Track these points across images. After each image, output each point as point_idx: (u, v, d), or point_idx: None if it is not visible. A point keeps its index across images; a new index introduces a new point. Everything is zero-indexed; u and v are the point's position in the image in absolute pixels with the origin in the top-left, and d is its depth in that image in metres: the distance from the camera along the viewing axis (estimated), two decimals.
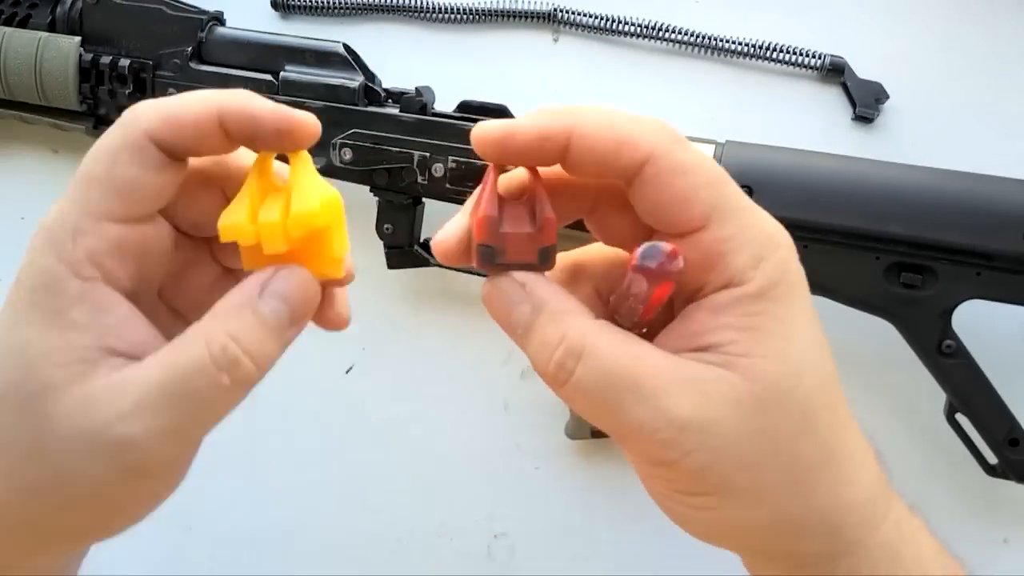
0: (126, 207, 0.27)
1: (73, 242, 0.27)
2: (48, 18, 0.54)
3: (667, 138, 0.27)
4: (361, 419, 0.56)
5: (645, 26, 0.54)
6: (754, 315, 0.26)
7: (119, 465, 0.26)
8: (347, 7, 0.57)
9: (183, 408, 0.26)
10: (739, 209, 0.27)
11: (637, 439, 0.27)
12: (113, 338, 0.27)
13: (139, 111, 0.28)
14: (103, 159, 0.27)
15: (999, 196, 0.44)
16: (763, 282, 0.26)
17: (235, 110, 0.27)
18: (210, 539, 0.57)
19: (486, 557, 0.55)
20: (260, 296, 0.27)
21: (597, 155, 0.27)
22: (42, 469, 0.27)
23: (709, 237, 0.27)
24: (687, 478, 0.27)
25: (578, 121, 0.27)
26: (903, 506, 0.30)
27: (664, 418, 0.26)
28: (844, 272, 0.45)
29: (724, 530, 0.29)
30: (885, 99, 0.52)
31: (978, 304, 0.45)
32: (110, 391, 0.26)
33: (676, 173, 0.26)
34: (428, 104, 0.51)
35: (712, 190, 0.27)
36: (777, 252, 0.27)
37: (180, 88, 0.53)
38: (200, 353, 0.26)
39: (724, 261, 0.27)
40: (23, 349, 0.27)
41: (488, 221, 0.27)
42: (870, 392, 0.52)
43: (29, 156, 0.61)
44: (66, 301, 0.26)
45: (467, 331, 0.56)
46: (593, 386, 0.26)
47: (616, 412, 0.26)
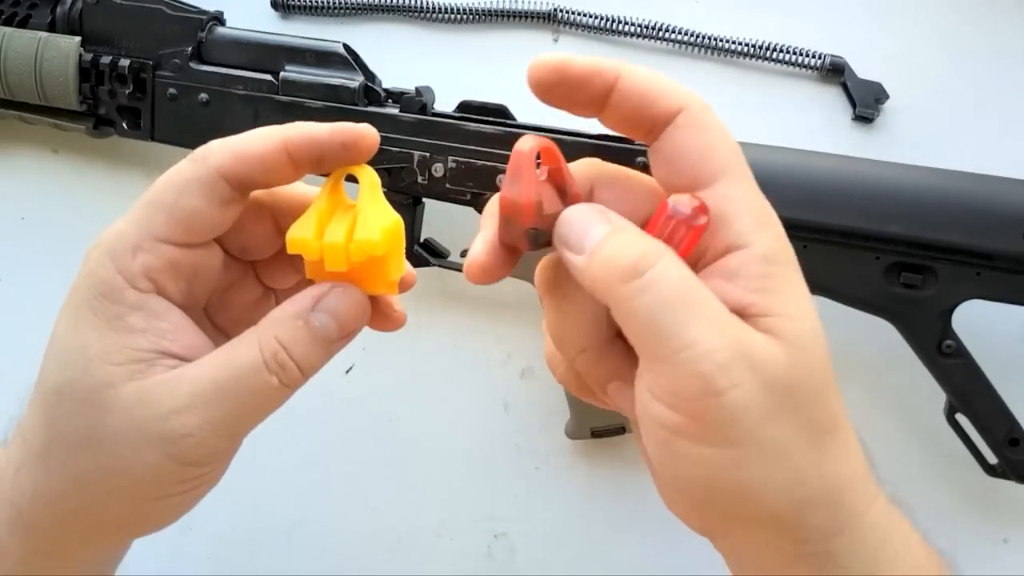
0: (187, 235, 0.30)
1: (132, 257, 0.29)
2: (48, 18, 0.54)
3: (700, 100, 0.29)
4: (361, 419, 0.56)
5: (645, 26, 0.54)
6: (765, 277, 0.27)
7: (171, 454, 0.28)
8: (347, 7, 0.57)
9: (234, 404, 0.29)
10: (747, 178, 0.29)
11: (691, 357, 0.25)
12: (168, 342, 0.29)
13: (211, 149, 0.30)
14: (172, 189, 0.30)
15: (999, 196, 0.44)
16: (767, 245, 0.27)
17: (299, 138, 0.30)
18: (210, 539, 0.57)
19: (486, 557, 0.55)
20: (313, 310, 0.30)
21: (638, 97, 0.28)
22: (96, 458, 0.29)
23: (718, 193, 0.28)
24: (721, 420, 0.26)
25: (627, 65, 0.29)
26: (884, 491, 0.31)
27: (727, 339, 0.26)
28: (844, 272, 0.45)
29: (741, 492, 0.27)
30: (885, 99, 0.52)
31: (978, 304, 0.45)
32: (166, 386, 0.28)
33: (703, 128, 0.28)
34: (428, 104, 0.51)
35: (729, 153, 0.28)
36: (776, 227, 0.28)
37: (180, 88, 0.53)
38: (254, 356, 0.29)
39: (729, 221, 0.27)
40: (83, 349, 0.29)
41: (536, 207, 0.28)
42: (870, 392, 0.52)
43: (29, 156, 0.61)
44: (124, 308, 0.29)
45: (467, 331, 0.56)
46: (671, 283, 0.26)
47: (681, 319, 0.26)
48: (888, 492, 0.31)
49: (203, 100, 0.52)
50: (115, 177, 0.60)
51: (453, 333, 0.56)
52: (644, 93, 0.28)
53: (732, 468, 0.26)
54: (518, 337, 0.55)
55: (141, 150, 0.58)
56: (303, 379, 0.30)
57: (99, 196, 0.60)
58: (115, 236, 0.30)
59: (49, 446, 0.30)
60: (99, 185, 0.60)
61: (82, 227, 0.61)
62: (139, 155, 0.59)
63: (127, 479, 0.29)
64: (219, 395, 0.28)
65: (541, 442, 0.55)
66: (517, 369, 0.55)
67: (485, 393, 0.55)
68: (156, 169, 0.32)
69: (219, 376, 0.29)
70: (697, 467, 0.27)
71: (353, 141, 0.30)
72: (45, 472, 0.30)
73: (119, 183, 0.59)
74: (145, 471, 0.29)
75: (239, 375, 0.29)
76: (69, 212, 0.60)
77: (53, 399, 0.29)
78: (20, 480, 0.30)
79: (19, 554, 0.31)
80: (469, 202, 0.50)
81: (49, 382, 0.30)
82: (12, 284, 0.61)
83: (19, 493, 0.31)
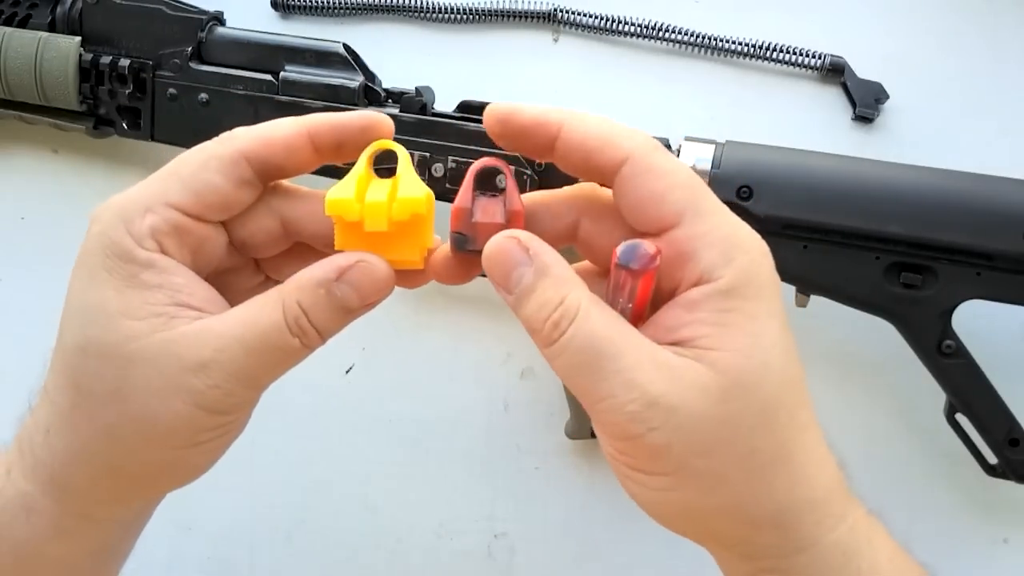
0: (198, 206, 0.31)
1: (142, 219, 0.30)
2: (48, 18, 0.54)
3: (648, 143, 0.29)
4: (361, 419, 0.56)
5: (645, 26, 0.54)
6: (725, 311, 0.28)
7: (198, 403, 0.30)
8: (347, 7, 0.57)
9: (258, 359, 0.30)
10: (711, 211, 0.29)
11: (607, 408, 0.28)
12: (184, 295, 0.30)
13: (236, 132, 0.32)
14: (193, 162, 0.31)
15: (999, 196, 0.44)
16: (733, 279, 0.28)
17: (321, 125, 0.31)
18: (210, 539, 0.57)
19: (486, 557, 0.55)
20: (336, 280, 0.30)
21: (583, 147, 0.30)
22: (126, 411, 0.30)
23: (682, 234, 0.29)
24: (647, 455, 0.28)
25: (573, 116, 0.30)
26: (862, 509, 0.31)
27: (636, 391, 0.27)
28: (844, 272, 0.45)
29: (679, 512, 0.30)
30: (885, 99, 0.52)
31: (978, 304, 0.45)
32: (190, 339, 0.30)
33: (652, 173, 0.29)
34: (428, 104, 0.51)
35: (685, 192, 0.29)
36: (747, 255, 0.29)
37: (180, 88, 0.53)
38: (277, 317, 0.30)
39: (696, 257, 0.28)
40: (103, 307, 0.30)
41: (461, 212, 0.31)
42: (870, 392, 0.52)
43: (29, 156, 0.61)
44: (137, 267, 0.30)
45: (467, 331, 0.56)
46: (580, 347, 0.28)
47: (594, 377, 0.28)
48: (872, 505, 0.31)
49: (203, 100, 0.52)
50: (115, 177, 0.60)
51: (453, 333, 0.56)
52: (585, 145, 0.30)
53: (668, 492, 0.29)
54: (518, 337, 0.55)
55: (141, 150, 0.58)
56: (322, 342, 0.31)
57: (99, 196, 0.58)
58: (127, 199, 0.31)
59: (77, 404, 0.31)
60: (99, 185, 0.60)
61: (82, 227, 0.61)
62: (139, 155, 0.59)
63: (157, 429, 0.30)
64: (243, 351, 0.30)
65: (541, 442, 0.55)
66: (517, 369, 0.55)
67: (485, 393, 0.55)
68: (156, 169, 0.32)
69: (243, 333, 0.30)
70: (640, 488, 0.30)
71: (371, 124, 0.32)
72: (75, 430, 0.31)
73: (119, 183, 0.59)
74: (175, 420, 0.30)
75: (262, 334, 0.30)
76: (69, 212, 0.60)
77: (76, 357, 0.30)
78: (51, 441, 0.31)
79: (53, 516, 0.32)
80: None
81: (71, 342, 0.31)
82: (12, 284, 0.61)
83: (51, 454, 0.32)
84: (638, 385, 0.27)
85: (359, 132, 0.32)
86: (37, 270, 0.60)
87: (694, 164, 0.46)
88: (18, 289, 0.60)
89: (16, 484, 0.32)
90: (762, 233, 0.44)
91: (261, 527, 0.57)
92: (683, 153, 0.46)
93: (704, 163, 0.46)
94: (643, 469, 0.29)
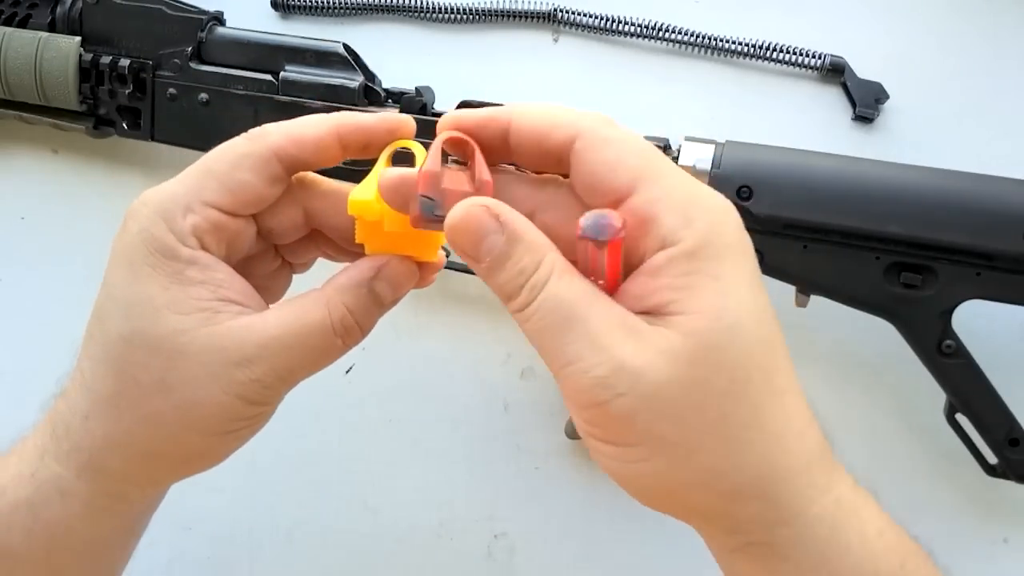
0: (234, 204, 0.32)
1: (183, 217, 0.32)
2: (48, 18, 0.54)
3: (596, 119, 0.30)
4: (361, 419, 0.56)
5: (645, 26, 0.54)
6: (689, 274, 0.28)
7: (240, 395, 0.32)
8: (347, 7, 0.57)
9: (300, 357, 0.32)
10: (667, 174, 0.29)
11: (574, 371, 0.28)
12: (225, 290, 0.32)
13: (267, 130, 0.33)
14: (227, 160, 0.32)
15: (999, 196, 0.44)
16: (695, 241, 0.28)
17: (350, 125, 0.33)
18: (210, 539, 0.57)
19: (486, 557, 0.55)
20: (375, 278, 0.33)
21: (533, 135, 0.30)
22: (170, 400, 0.31)
23: (639, 200, 0.28)
24: (616, 423, 0.28)
25: (521, 106, 0.31)
26: (849, 482, 0.30)
27: (603, 354, 0.27)
28: (844, 272, 0.45)
29: (655, 486, 0.29)
30: (885, 99, 0.52)
31: (978, 304, 0.45)
32: (236, 334, 0.31)
33: (603, 144, 0.29)
34: (428, 104, 0.51)
35: (639, 158, 0.29)
36: (708, 214, 0.28)
37: (180, 88, 0.53)
38: (322, 318, 0.32)
39: (656, 222, 0.28)
40: (149, 301, 0.31)
41: (430, 175, 0.30)
42: (870, 392, 0.52)
43: (29, 156, 0.61)
44: (180, 264, 0.32)
45: (467, 331, 0.56)
46: (550, 309, 0.28)
47: (563, 339, 0.28)
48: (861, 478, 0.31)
49: (203, 100, 0.52)
50: (115, 177, 0.60)
51: (453, 333, 0.56)
52: (536, 130, 0.30)
53: (640, 463, 0.28)
54: (518, 337, 0.55)
55: (141, 150, 0.58)
56: (362, 339, 0.33)
57: (99, 196, 0.60)
58: (167, 197, 0.32)
59: (120, 391, 0.32)
60: (99, 185, 0.60)
61: (82, 227, 0.61)
62: (139, 155, 0.59)
63: (199, 417, 0.32)
64: (286, 350, 0.32)
65: (541, 442, 0.55)
66: (517, 369, 0.55)
67: (485, 393, 0.55)
68: (156, 169, 0.32)
69: (287, 333, 0.32)
70: (612, 462, 0.29)
71: (397, 128, 0.33)
72: (117, 417, 0.32)
73: (119, 183, 0.59)
74: (216, 408, 0.32)
75: (307, 333, 0.32)
76: (69, 212, 0.60)
77: (120, 347, 0.32)
78: (90, 426, 0.33)
79: (87, 497, 0.34)
80: None
81: (114, 332, 0.32)
82: (12, 284, 0.61)
83: (89, 439, 0.33)
84: (605, 348, 0.27)
85: (386, 134, 0.33)
86: (37, 270, 0.60)
87: (694, 164, 0.46)
88: (18, 289, 0.60)
89: (50, 467, 0.33)
90: (762, 233, 0.45)
91: (261, 527, 0.57)
92: (683, 153, 0.46)
93: (704, 163, 0.46)
94: (613, 440, 0.29)
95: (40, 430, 0.35)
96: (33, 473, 0.34)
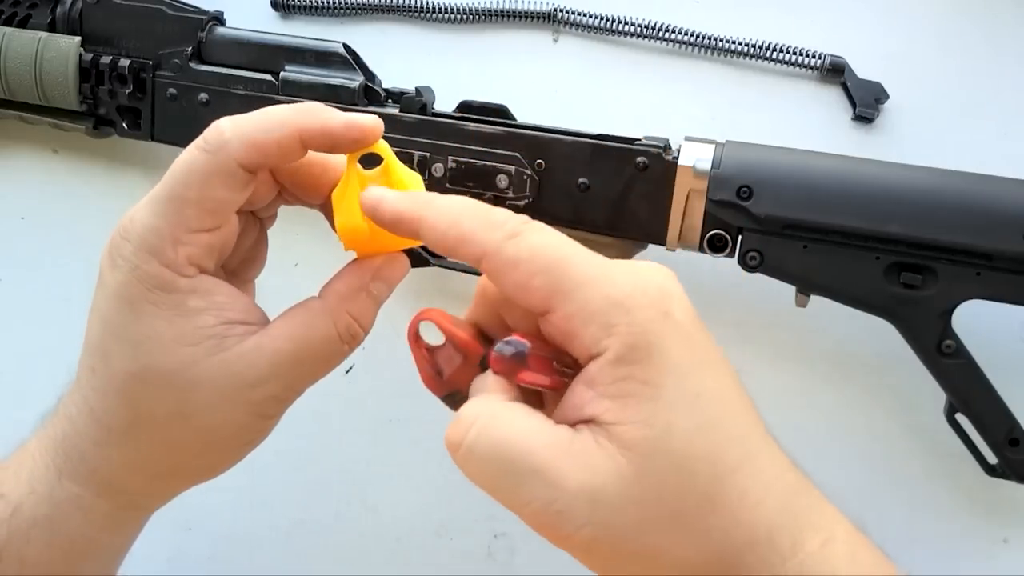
0: (215, 220, 0.32)
1: (175, 251, 0.32)
2: (48, 18, 0.54)
3: (499, 236, 0.29)
4: (361, 419, 0.56)
5: (645, 26, 0.54)
6: (619, 381, 0.27)
7: (256, 413, 0.33)
8: (347, 7, 0.57)
9: (310, 369, 0.33)
10: (579, 285, 0.28)
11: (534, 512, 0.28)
12: (229, 311, 0.33)
13: (225, 138, 0.32)
14: (196, 183, 0.32)
15: (999, 196, 0.44)
16: (618, 348, 0.27)
17: (313, 128, 0.32)
18: (210, 539, 0.57)
19: (486, 557, 0.55)
20: (372, 280, 0.34)
21: (444, 247, 0.30)
22: (187, 426, 0.32)
23: (557, 318, 0.28)
24: (583, 549, 0.28)
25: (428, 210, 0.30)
26: (822, 536, 0.29)
27: (556, 490, 0.27)
28: (844, 272, 0.45)
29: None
30: (885, 99, 0.52)
31: (978, 304, 0.45)
32: (246, 358, 0.32)
33: (507, 268, 0.29)
34: (428, 104, 0.51)
35: (546, 276, 0.28)
36: (630, 315, 0.28)
37: (180, 88, 0.53)
38: (329, 330, 0.33)
39: (577, 336, 0.28)
40: (156, 337, 0.32)
41: (432, 382, 0.32)
42: (870, 392, 0.52)
43: (29, 156, 0.61)
44: (181, 296, 0.32)
45: None
46: (486, 454, 0.28)
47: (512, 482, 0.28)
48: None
49: (203, 100, 0.52)
50: (115, 177, 0.60)
51: None
52: (444, 245, 0.30)
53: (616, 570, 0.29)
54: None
55: (141, 150, 0.58)
56: (364, 339, 0.34)
57: (99, 196, 0.60)
58: (149, 231, 0.32)
59: (136, 423, 0.33)
60: (99, 185, 0.60)
61: (82, 227, 0.61)
62: (139, 155, 0.59)
63: (218, 438, 0.33)
64: (297, 365, 0.33)
65: None
66: None
67: None
68: (156, 169, 0.32)
69: (297, 348, 0.32)
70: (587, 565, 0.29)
71: (364, 136, 0.32)
72: (136, 445, 0.33)
73: (119, 183, 0.59)
74: (234, 428, 0.33)
75: (316, 347, 0.33)
76: (69, 212, 0.60)
77: (131, 384, 0.32)
78: (107, 453, 0.33)
79: (107, 512, 0.35)
80: None
81: (121, 369, 0.32)
82: (12, 284, 0.61)
83: (108, 463, 0.34)
84: (555, 483, 0.27)
85: (350, 143, 0.32)
86: (37, 270, 0.60)
87: (694, 164, 0.46)
88: (18, 289, 0.60)
89: (67, 488, 0.34)
90: (762, 233, 0.45)
91: (261, 527, 0.57)
92: (683, 153, 0.46)
93: (704, 163, 0.46)
94: (584, 560, 0.29)
95: (48, 449, 0.35)
96: (51, 493, 0.34)
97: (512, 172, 0.48)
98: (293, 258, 0.56)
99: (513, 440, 0.28)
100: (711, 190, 0.45)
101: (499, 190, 0.48)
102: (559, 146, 0.48)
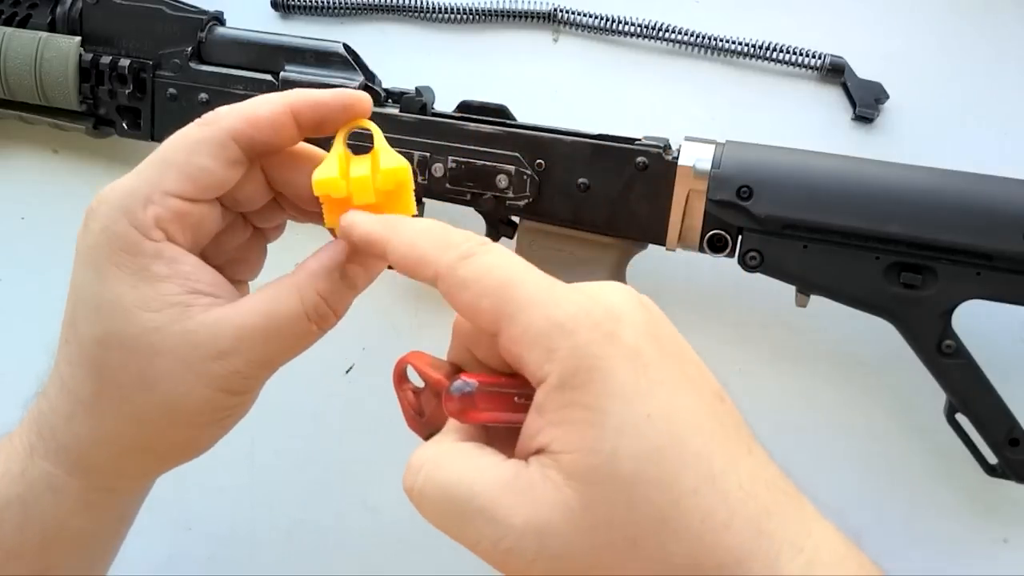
0: (195, 191, 0.32)
1: (144, 210, 0.31)
2: (48, 18, 0.54)
3: (453, 256, 0.28)
4: (361, 419, 0.56)
5: (645, 26, 0.54)
6: (563, 408, 0.26)
7: (220, 387, 0.32)
8: (347, 7, 0.57)
9: (276, 346, 0.32)
10: (523, 308, 0.27)
11: (484, 551, 0.27)
12: (195, 282, 0.32)
13: (220, 113, 0.32)
14: (183, 148, 0.32)
15: (999, 196, 0.44)
16: (560, 373, 0.26)
17: (304, 102, 0.32)
18: (210, 539, 0.57)
19: None
20: (348, 261, 0.33)
21: (405, 269, 0.30)
22: (152, 398, 0.32)
23: (504, 341, 0.28)
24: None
25: (394, 234, 0.30)
26: (804, 558, 0.27)
27: (501, 528, 0.27)
28: (844, 272, 0.45)
29: None
30: (885, 99, 0.52)
31: (978, 304, 0.45)
32: (210, 329, 0.31)
33: (458, 288, 0.28)
34: (428, 104, 0.51)
35: (493, 298, 0.28)
36: (570, 339, 0.26)
37: (180, 88, 0.53)
38: (295, 306, 0.32)
39: (523, 361, 0.27)
40: (118, 302, 0.31)
41: (414, 423, 0.33)
42: (870, 392, 0.52)
43: (29, 156, 0.61)
44: (146, 259, 0.31)
45: None
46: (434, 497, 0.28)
47: (460, 523, 0.28)
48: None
49: (203, 100, 0.52)
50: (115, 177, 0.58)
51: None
52: (405, 267, 0.30)
53: None
54: None
55: (141, 150, 0.57)
56: (336, 323, 0.33)
57: None
58: (126, 192, 0.32)
59: (101, 393, 0.32)
60: (99, 185, 0.58)
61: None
62: (139, 155, 0.58)
63: (183, 411, 0.32)
64: (263, 340, 0.32)
65: None
66: None
67: None
68: None
69: (262, 323, 0.32)
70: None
71: (351, 103, 0.33)
72: (100, 417, 0.32)
73: None
74: (199, 402, 0.32)
75: (282, 323, 0.32)
76: (69, 212, 0.59)
77: (95, 350, 0.32)
78: (74, 428, 0.33)
79: (79, 493, 0.34)
80: (469, 202, 0.49)
81: (87, 335, 0.32)
82: (12, 284, 0.61)
83: (75, 439, 0.33)
84: (501, 520, 0.27)
85: (340, 111, 0.33)
86: (37, 270, 0.60)
87: (694, 164, 0.46)
88: (18, 289, 0.61)
89: (39, 466, 0.34)
90: (762, 233, 0.45)
91: (261, 527, 0.57)
92: (683, 153, 0.46)
93: (704, 163, 0.46)
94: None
95: (25, 429, 0.35)
96: (23, 471, 0.34)
97: (512, 172, 0.48)
98: (293, 258, 0.56)
99: (456, 482, 0.28)
100: (711, 190, 0.45)
101: (499, 190, 0.48)
102: (559, 146, 0.48)
